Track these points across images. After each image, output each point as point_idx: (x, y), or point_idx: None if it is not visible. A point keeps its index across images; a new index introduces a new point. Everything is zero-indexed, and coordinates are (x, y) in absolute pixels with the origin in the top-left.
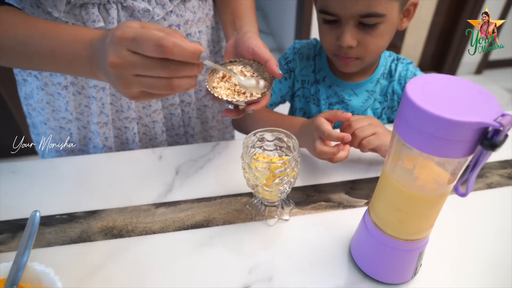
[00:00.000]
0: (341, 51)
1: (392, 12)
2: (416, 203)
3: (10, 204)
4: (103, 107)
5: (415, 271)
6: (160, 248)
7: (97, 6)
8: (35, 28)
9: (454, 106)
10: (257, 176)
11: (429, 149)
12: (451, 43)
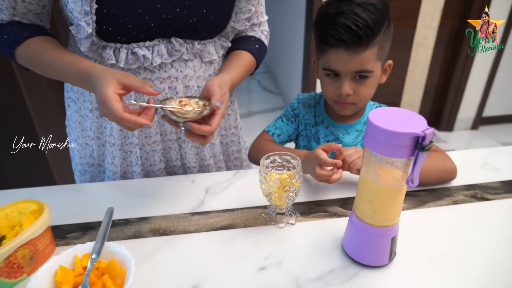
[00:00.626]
0: (340, 98)
1: (377, 69)
2: (382, 195)
3: (78, 212)
4: (112, 130)
5: (391, 256)
6: (195, 243)
7: (112, 48)
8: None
9: (398, 124)
10: (270, 185)
11: (385, 153)
12: (446, 101)
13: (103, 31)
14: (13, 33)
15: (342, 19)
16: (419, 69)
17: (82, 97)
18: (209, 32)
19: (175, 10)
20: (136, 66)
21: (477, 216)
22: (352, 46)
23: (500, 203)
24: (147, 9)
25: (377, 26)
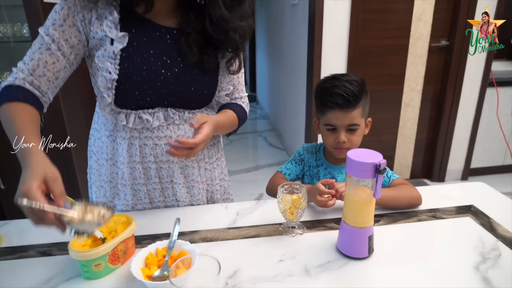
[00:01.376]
0: (338, 145)
1: (362, 123)
2: (359, 205)
3: (147, 228)
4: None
5: (369, 250)
6: (232, 246)
7: (124, 114)
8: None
9: (365, 158)
10: (285, 204)
11: (358, 176)
12: (435, 155)
13: (119, 101)
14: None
15: (337, 90)
16: (408, 126)
17: (101, 150)
18: (196, 104)
19: (170, 87)
20: (141, 126)
21: (434, 229)
22: (345, 107)
23: (452, 220)
24: (151, 86)
25: (359, 94)
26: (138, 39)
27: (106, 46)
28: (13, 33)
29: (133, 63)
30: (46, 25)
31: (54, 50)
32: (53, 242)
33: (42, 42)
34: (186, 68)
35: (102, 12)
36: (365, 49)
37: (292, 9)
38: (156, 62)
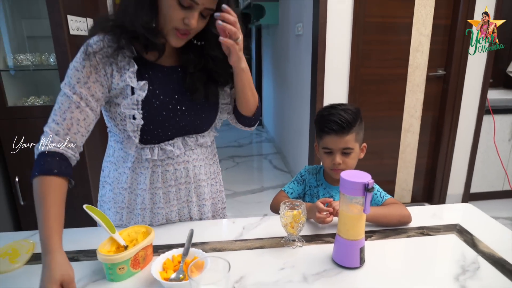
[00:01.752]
0: (334, 167)
1: (356, 147)
2: (351, 219)
3: (161, 239)
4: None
5: (361, 261)
6: (239, 256)
7: (148, 148)
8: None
9: (356, 178)
10: (287, 218)
11: (350, 193)
12: (435, 179)
13: (144, 139)
14: (46, 164)
15: (332, 117)
16: (408, 151)
17: (117, 181)
18: (206, 128)
19: (186, 119)
20: (164, 157)
21: (421, 244)
22: (339, 133)
23: (439, 237)
24: (171, 122)
25: (353, 122)
26: (153, 83)
27: (128, 95)
28: (40, 61)
29: (153, 106)
30: (71, 84)
31: (83, 107)
32: (81, 249)
33: (71, 101)
34: (194, 100)
35: (121, 64)
36: (365, 78)
37: (297, 39)
38: (171, 101)
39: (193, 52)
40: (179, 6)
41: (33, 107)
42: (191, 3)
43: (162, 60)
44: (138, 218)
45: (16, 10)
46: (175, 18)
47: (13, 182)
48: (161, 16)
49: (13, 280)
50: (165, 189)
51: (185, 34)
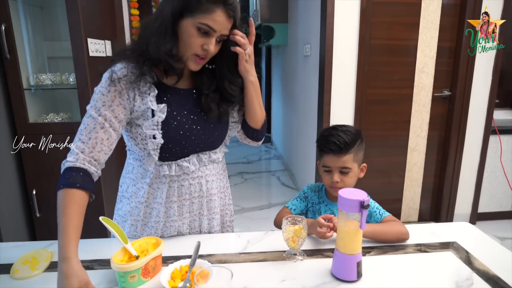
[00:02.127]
0: (333, 184)
1: (354, 167)
2: (349, 234)
3: (170, 251)
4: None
5: (358, 275)
6: (242, 268)
7: (166, 165)
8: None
9: (353, 195)
10: (289, 233)
11: (347, 210)
12: (442, 198)
13: (162, 157)
14: (71, 178)
15: (332, 138)
16: (415, 170)
17: (135, 195)
18: (218, 144)
19: (201, 138)
20: (180, 173)
21: (418, 261)
22: (337, 153)
23: (435, 254)
24: (187, 140)
25: (351, 143)
26: (171, 105)
27: (149, 117)
28: (60, 80)
29: (171, 126)
30: (96, 106)
31: (107, 128)
32: (95, 258)
33: (96, 122)
34: (208, 120)
35: (143, 89)
36: (371, 98)
37: (304, 59)
38: (187, 121)
39: (206, 75)
40: (198, 34)
41: (52, 124)
42: (209, 30)
43: (178, 84)
44: (151, 230)
45: (38, 33)
46: (195, 45)
47: (31, 194)
48: (181, 43)
49: (33, 286)
50: (180, 202)
51: (203, 59)
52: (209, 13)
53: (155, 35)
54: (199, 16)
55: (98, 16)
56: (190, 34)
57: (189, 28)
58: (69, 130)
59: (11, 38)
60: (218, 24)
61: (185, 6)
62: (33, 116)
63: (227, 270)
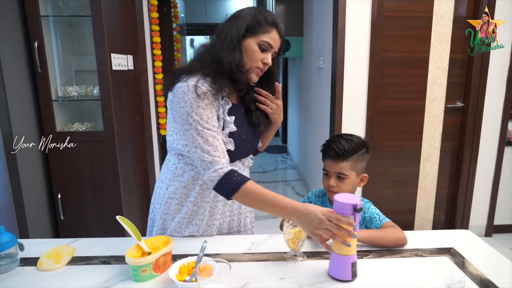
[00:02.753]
0: (329, 188)
1: (351, 176)
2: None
3: (179, 249)
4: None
5: (353, 274)
6: (246, 266)
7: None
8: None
9: (347, 200)
10: (289, 235)
11: (342, 212)
12: (456, 210)
13: None
14: (239, 177)
15: (332, 144)
16: (428, 181)
17: (185, 195)
18: (252, 152)
19: (247, 147)
20: None
21: (413, 264)
22: (335, 158)
23: (431, 259)
24: (241, 149)
25: (350, 152)
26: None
27: (221, 126)
28: (85, 92)
29: (234, 135)
30: (203, 120)
31: (218, 133)
32: (112, 254)
33: (213, 133)
34: (254, 131)
35: (221, 102)
36: (383, 109)
37: (318, 71)
38: (242, 131)
39: (249, 94)
40: (259, 50)
41: (77, 132)
42: (268, 47)
43: (230, 99)
44: (194, 228)
45: (67, 48)
46: (258, 59)
47: (56, 198)
48: (246, 58)
49: (57, 277)
50: (224, 201)
51: (262, 70)
52: (268, 33)
53: (226, 52)
54: (260, 35)
55: (121, 32)
56: (254, 50)
57: (252, 45)
58: (92, 138)
59: (43, 54)
60: (274, 41)
61: (249, 28)
62: (60, 125)
63: (226, 263)
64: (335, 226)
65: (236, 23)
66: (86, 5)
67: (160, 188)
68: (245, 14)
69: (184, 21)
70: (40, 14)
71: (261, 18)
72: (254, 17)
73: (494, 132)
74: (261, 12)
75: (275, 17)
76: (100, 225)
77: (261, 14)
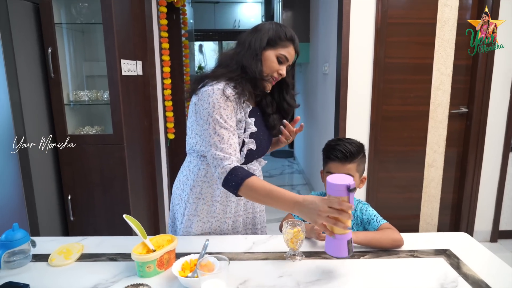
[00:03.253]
0: None
1: (356, 176)
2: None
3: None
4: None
5: (349, 251)
6: (245, 265)
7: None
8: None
9: (340, 181)
10: (288, 234)
11: (335, 194)
12: (461, 215)
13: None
14: (243, 172)
15: (338, 147)
16: (433, 185)
17: (210, 195)
18: (265, 153)
19: (263, 147)
20: None
21: (409, 264)
22: (343, 160)
23: (427, 260)
24: (260, 149)
25: (356, 154)
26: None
27: (243, 127)
28: (96, 97)
29: (253, 136)
30: (223, 119)
31: (234, 134)
32: (118, 252)
33: (229, 131)
34: (269, 133)
35: (243, 105)
36: (387, 114)
37: (324, 77)
38: (260, 132)
39: (267, 99)
40: (277, 61)
41: (87, 136)
42: (285, 60)
43: (249, 103)
44: (224, 226)
45: (79, 54)
46: (274, 69)
47: (66, 199)
48: (265, 68)
49: (67, 272)
50: (237, 201)
51: (276, 80)
52: (286, 47)
53: (249, 60)
54: (279, 49)
55: (131, 39)
56: (272, 61)
57: (271, 57)
58: (101, 141)
59: (56, 60)
60: (290, 55)
61: (270, 41)
62: (71, 128)
63: (225, 259)
64: (336, 211)
65: (259, 35)
66: (98, 13)
67: (182, 190)
68: (268, 28)
69: (192, 27)
70: (54, 22)
71: (282, 34)
72: (276, 32)
73: (498, 138)
74: (281, 28)
75: (294, 34)
76: (108, 225)
77: (282, 30)
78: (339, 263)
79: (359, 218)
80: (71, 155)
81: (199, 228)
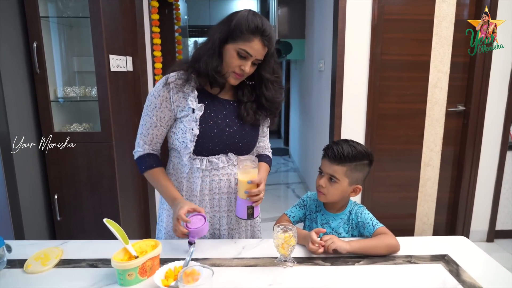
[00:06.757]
0: (318, 187)
1: (343, 182)
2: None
3: (168, 252)
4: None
5: (248, 216)
6: (235, 272)
7: (198, 159)
8: (159, 183)
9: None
10: (279, 240)
11: None
12: (457, 214)
13: (196, 151)
14: (148, 162)
15: (333, 145)
16: (429, 185)
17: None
18: (246, 152)
19: (232, 140)
20: (210, 168)
21: (406, 271)
22: (331, 159)
23: (424, 266)
24: (220, 139)
25: (349, 158)
26: (209, 108)
27: (190, 114)
28: (83, 93)
29: (208, 124)
30: (150, 108)
31: (159, 126)
32: (99, 258)
33: (151, 122)
34: (241, 126)
35: (187, 91)
36: (383, 112)
37: (319, 74)
38: (222, 123)
39: (247, 89)
40: (238, 57)
41: (75, 133)
42: (247, 55)
43: (221, 94)
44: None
45: (68, 49)
46: (234, 65)
47: (53, 199)
48: (224, 63)
49: (42, 280)
50: (211, 196)
51: (241, 76)
52: (248, 41)
53: (206, 55)
54: (240, 43)
55: (120, 34)
56: (231, 56)
57: (231, 52)
58: (89, 139)
59: (41, 55)
60: (254, 50)
61: (230, 34)
62: (58, 125)
63: (208, 268)
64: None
65: (224, 27)
66: (85, 7)
67: None
68: (234, 20)
69: (187, 23)
70: (39, 15)
71: (244, 26)
72: (237, 24)
73: (495, 136)
74: (248, 19)
75: (262, 26)
76: (97, 226)
77: (246, 22)
78: (332, 270)
79: (354, 222)
80: (57, 153)
81: (169, 223)
